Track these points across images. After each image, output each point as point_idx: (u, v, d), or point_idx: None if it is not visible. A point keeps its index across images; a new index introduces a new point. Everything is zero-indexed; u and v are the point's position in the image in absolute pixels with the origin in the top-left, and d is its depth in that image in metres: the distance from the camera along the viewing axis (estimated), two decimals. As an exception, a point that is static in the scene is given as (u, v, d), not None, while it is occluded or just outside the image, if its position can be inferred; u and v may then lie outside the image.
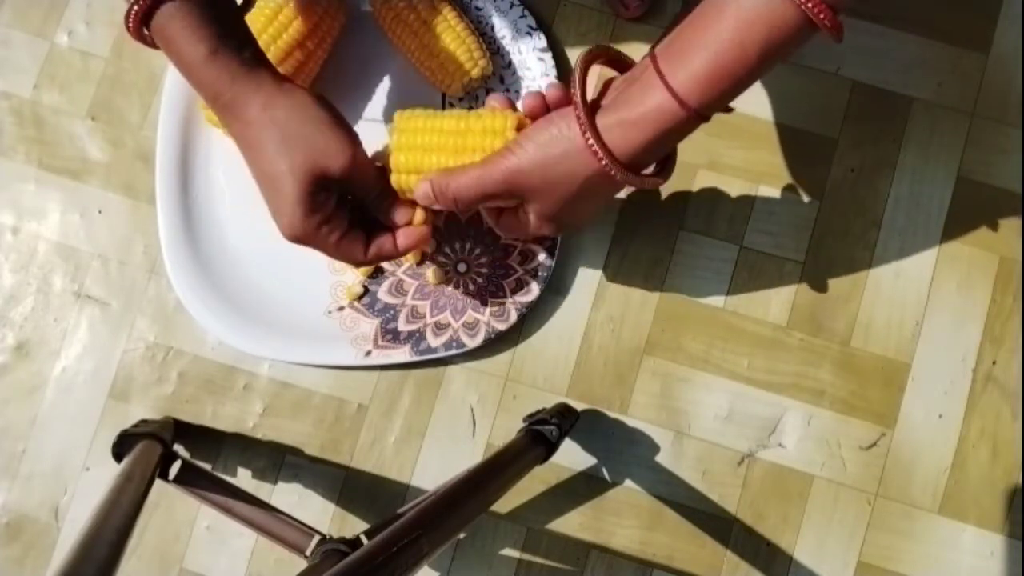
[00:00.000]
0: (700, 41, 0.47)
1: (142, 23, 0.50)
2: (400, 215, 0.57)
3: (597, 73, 0.69)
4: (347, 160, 0.52)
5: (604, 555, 0.69)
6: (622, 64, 0.55)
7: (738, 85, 0.48)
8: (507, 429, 0.70)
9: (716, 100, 0.48)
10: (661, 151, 0.52)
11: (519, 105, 0.55)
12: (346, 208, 0.55)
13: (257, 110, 0.51)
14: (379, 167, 0.56)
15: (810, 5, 0.45)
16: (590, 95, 0.52)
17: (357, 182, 0.54)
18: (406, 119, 0.56)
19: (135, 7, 0.49)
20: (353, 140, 0.53)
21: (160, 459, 0.60)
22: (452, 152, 0.54)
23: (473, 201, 0.53)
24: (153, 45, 0.52)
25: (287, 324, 0.69)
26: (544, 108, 0.54)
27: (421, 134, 0.55)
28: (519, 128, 0.53)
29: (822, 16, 0.45)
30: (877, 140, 0.71)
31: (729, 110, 0.51)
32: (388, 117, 0.70)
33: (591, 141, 0.49)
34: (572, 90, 0.50)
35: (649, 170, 0.54)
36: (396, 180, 0.56)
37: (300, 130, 0.51)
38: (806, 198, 0.71)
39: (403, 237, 0.57)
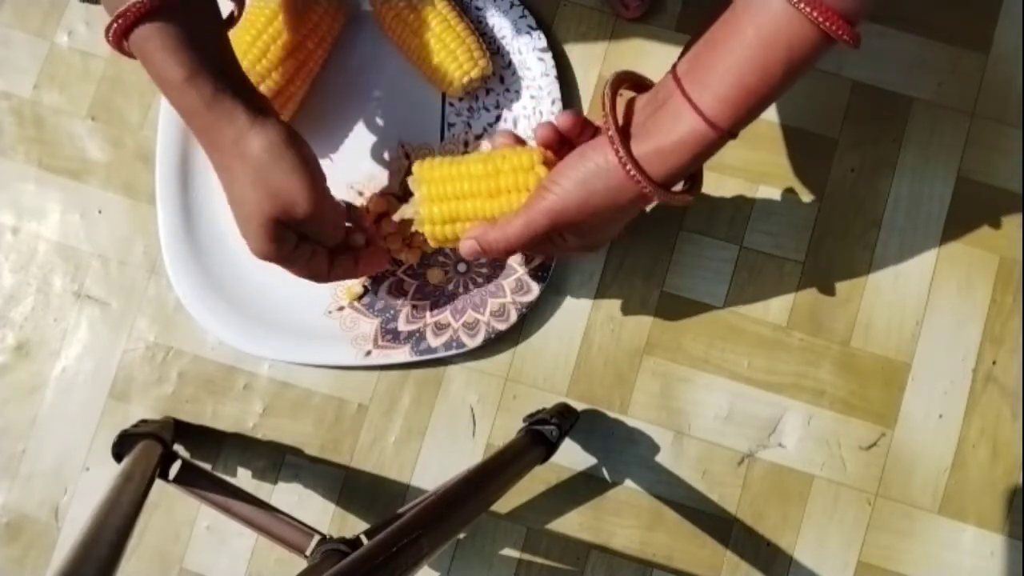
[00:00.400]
0: (722, 63, 0.48)
1: (122, 38, 0.50)
2: (356, 238, 0.61)
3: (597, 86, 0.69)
4: (310, 206, 0.53)
5: (604, 555, 0.69)
6: (643, 85, 0.55)
7: (765, 101, 0.49)
8: (507, 429, 0.70)
9: (745, 118, 0.49)
10: (694, 168, 0.52)
11: (532, 136, 0.56)
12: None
13: (229, 142, 0.52)
14: (344, 212, 0.58)
15: (828, 24, 0.45)
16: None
17: (318, 226, 0.55)
18: (427, 169, 0.57)
19: (115, 24, 0.48)
20: (318, 186, 0.54)
21: (160, 459, 0.60)
22: (487, 196, 0.55)
23: (523, 248, 0.55)
24: (130, 55, 0.52)
25: (287, 324, 0.69)
26: (558, 137, 0.55)
27: (450, 182, 0.56)
28: (546, 162, 0.54)
29: (839, 31, 0.45)
30: (877, 140, 0.71)
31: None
32: (388, 117, 0.70)
33: (633, 172, 0.50)
34: (605, 122, 0.51)
35: (679, 187, 0.55)
36: (431, 232, 0.57)
37: (268, 171, 0.52)
38: (806, 198, 0.71)
39: (364, 263, 0.61)
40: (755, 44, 0.46)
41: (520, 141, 0.58)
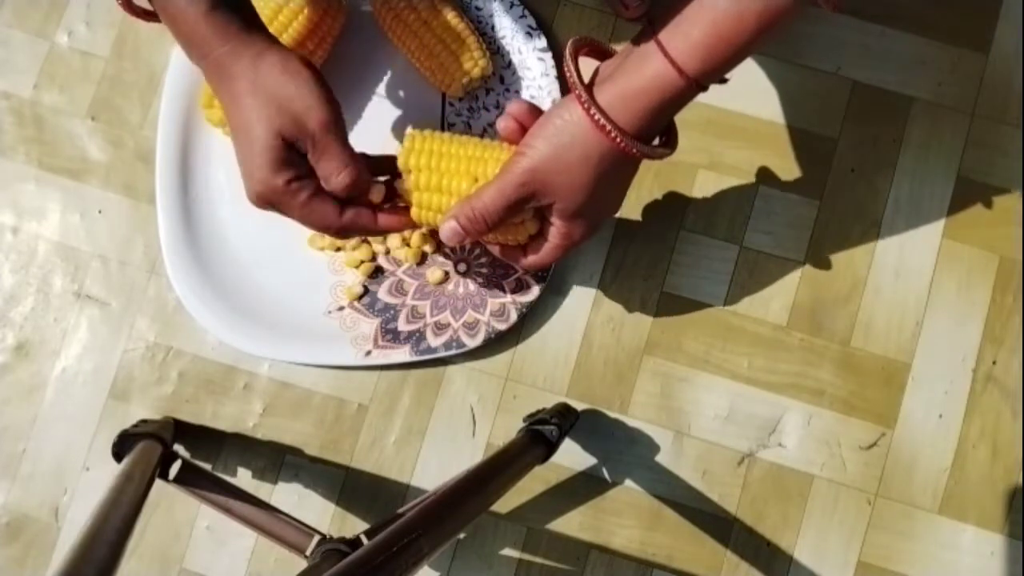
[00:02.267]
0: (697, 10, 0.47)
1: None
2: (375, 190, 0.56)
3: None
4: (324, 117, 0.51)
5: (604, 555, 0.69)
6: (608, 54, 0.55)
7: (736, 54, 0.48)
8: (507, 429, 0.70)
9: (714, 69, 0.48)
10: (663, 120, 0.52)
11: (498, 128, 0.55)
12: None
13: (245, 64, 0.51)
14: (357, 154, 0.54)
15: None
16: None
17: (327, 150, 0.52)
18: (419, 140, 0.56)
19: None
20: (333, 103, 0.52)
21: (160, 459, 0.60)
22: (468, 176, 0.55)
23: (500, 214, 0.53)
24: (139, 14, 0.52)
25: (287, 324, 0.69)
26: (517, 125, 0.55)
27: (434, 156, 0.55)
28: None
29: None
30: (877, 140, 0.71)
31: (724, 81, 0.51)
32: (388, 117, 0.70)
33: (597, 116, 0.49)
34: (567, 73, 0.51)
35: (655, 142, 0.54)
36: (416, 200, 0.56)
37: (283, 84, 0.51)
38: (806, 198, 0.71)
39: (384, 218, 0.56)
40: None
41: (536, 110, 0.56)
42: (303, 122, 0.51)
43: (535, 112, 0.55)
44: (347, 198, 0.54)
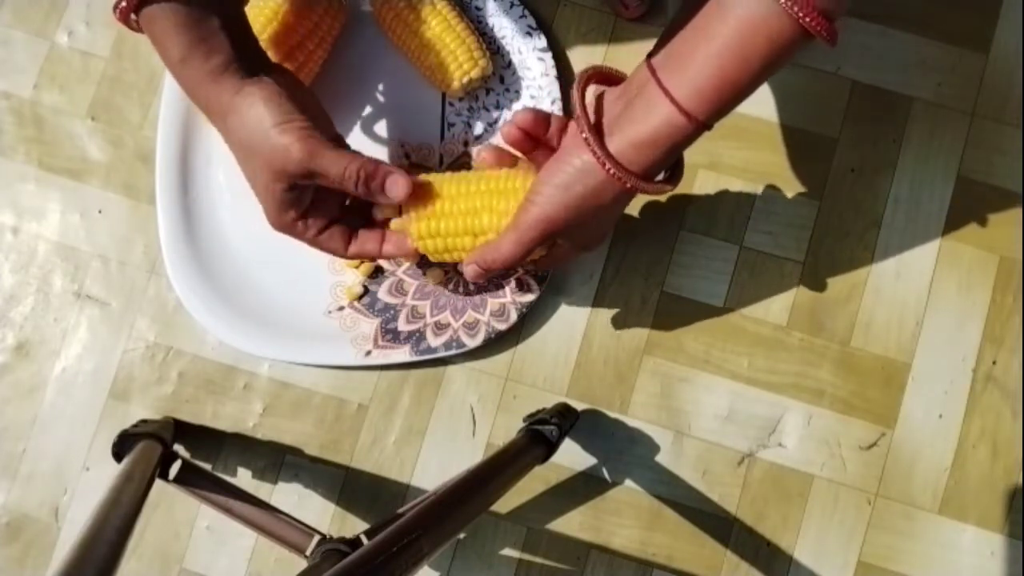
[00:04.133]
0: (701, 54, 0.48)
1: (128, 16, 0.51)
2: (379, 211, 0.58)
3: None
4: (299, 155, 0.52)
5: (604, 555, 0.69)
6: (615, 80, 0.55)
7: (742, 94, 0.49)
8: (507, 429, 0.70)
9: (722, 110, 0.49)
10: (672, 160, 0.53)
11: (499, 136, 0.56)
12: (334, 202, 0.57)
13: (219, 120, 0.53)
14: (347, 154, 0.54)
15: (808, 19, 0.45)
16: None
17: (324, 171, 0.53)
18: (420, 186, 0.57)
19: (121, 5, 0.50)
20: (303, 137, 0.52)
21: (160, 459, 0.60)
22: (465, 214, 0.56)
23: (519, 261, 0.55)
24: (141, 31, 0.52)
25: (287, 324, 0.69)
26: (523, 135, 0.55)
27: (437, 200, 0.57)
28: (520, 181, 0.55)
29: (818, 27, 0.46)
30: (877, 140, 0.71)
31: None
32: (388, 117, 0.70)
33: (612, 170, 0.50)
34: (578, 122, 0.51)
35: (660, 176, 0.55)
36: (423, 247, 0.58)
37: (251, 138, 0.52)
38: (806, 198, 0.71)
39: (389, 245, 0.58)
40: (735, 36, 0.47)
41: (504, 154, 0.57)
42: (284, 167, 0.52)
43: (540, 121, 0.55)
44: (370, 190, 0.55)
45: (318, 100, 0.57)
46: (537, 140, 0.56)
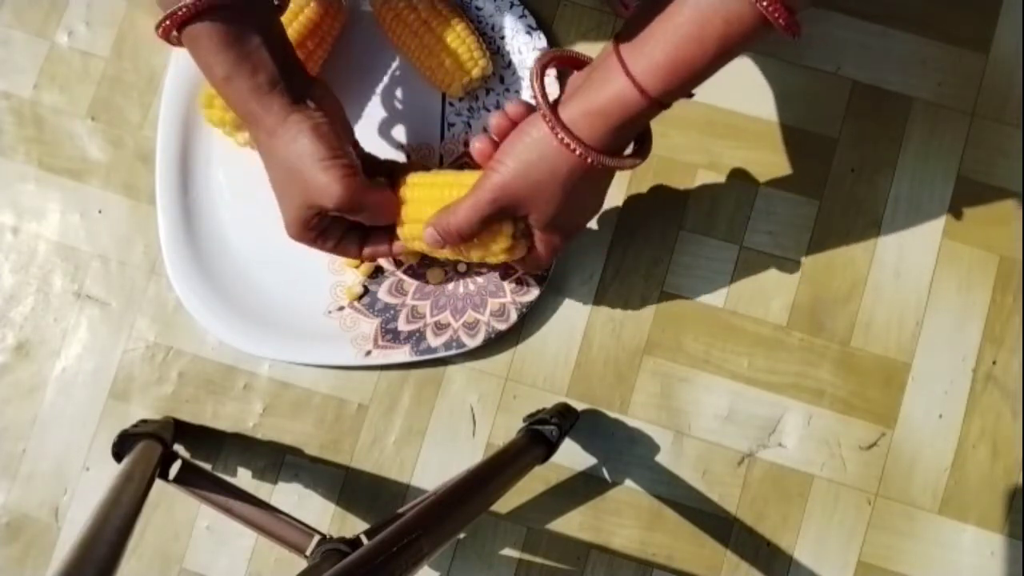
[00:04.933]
0: (660, 32, 0.48)
1: (169, 35, 0.52)
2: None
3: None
4: (339, 200, 0.54)
5: (604, 555, 0.69)
6: (580, 64, 0.56)
7: (697, 76, 0.49)
8: (507, 429, 0.70)
9: (676, 89, 0.50)
10: (630, 135, 0.53)
11: (489, 124, 0.56)
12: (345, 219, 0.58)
13: (264, 136, 0.54)
14: (385, 193, 0.58)
15: (767, 5, 0.46)
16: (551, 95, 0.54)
17: (356, 211, 0.56)
18: (411, 178, 0.60)
19: (163, 24, 0.51)
20: (347, 179, 0.54)
21: (160, 459, 0.60)
22: (438, 203, 0.57)
23: (474, 227, 0.55)
24: (182, 45, 0.54)
25: (287, 324, 0.69)
26: (511, 124, 0.56)
27: (419, 188, 0.59)
28: None
29: (777, 16, 0.46)
30: (877, 140, 0.71)
31: (690, 96, 0.52)
32: (388, 117, 0.70)
33: (561, 135, 0.51)
34: (533, 91, 0.52)
35: (629, 151, 0.56)
36: (399, 232, 0.60)
37: (294, 167, 0.54)
38: (806, 198, 0.71)
39: (399, 244, 0.61)
40: (694, 17, 0.47)
41: (496, 144, 0.57)
42: (320, 203, 0.54)
43: (531, 113, 0.56)
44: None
45: (343, 108, 0.59)
46: None
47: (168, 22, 0.50)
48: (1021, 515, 0.68)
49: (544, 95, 0.52)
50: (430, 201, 0.58)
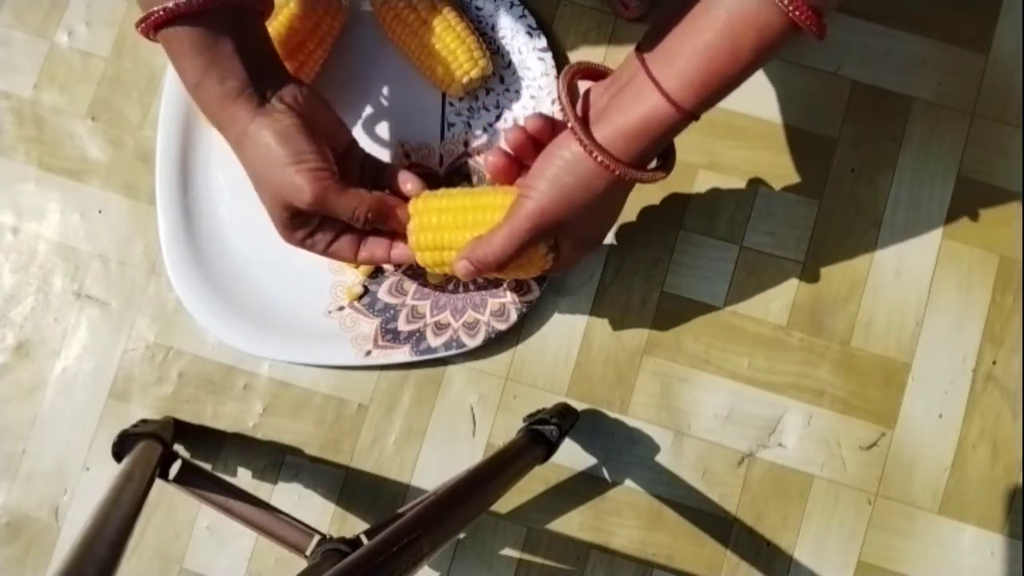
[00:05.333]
0: (691, 46, 0.48)
1: (149, 33, 0.52)
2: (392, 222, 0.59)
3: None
4: (310, 198, 0.53)
5: (604, 555, 0.69)
6: (600, 75, 0.56)
7: (730, 85, 0.49)
8: (507, 429, 0.70)
9: (709, 101, 0.50)
10: (660, 149, 0.53)
11: (503, 141, 0.56)
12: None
13: (234, 143, 0.54)
14: (355, 195, 0.56)
15: (797, 13, 0.46)
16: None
17: (332, 212, 0.55)
18: (421, 201, 0.58)
19: (142, 25, 0.51)
20: (314, 179, 0.53)
21: (160, 459, 0.60)
22: (471, 227, 0.56)
23: (512, 258, 0.54)
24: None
25: (287, 324, 0.69)
26: (529, 139, 0.56)
27: (437, 213, 0.57)
28: None
29: (807, 20, 0.46)
30: (877, 140, 0.71)
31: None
32: (388, 117, 0.70)
33: (600, 158, 0.50)
34: (564, 114, 0.52)
35: (652, 164, 0.55)
36: (421, 259, 0.59)
37: (262, 170, 0.54)
38: (806, 198, 0.71)
39: (398, 251, 0.60)
40: (726, 28, 0.47)
41: (511, 159, 0.58)
42: (292, 203, 0.54)
43: (550, 127, 0.56)
44: (378, 224, 0.57)
45: (331, 109, 0.58)
46: (541, 147, 0.56)
47: (144, 24, 0.50)
48: (1021, 515, 0.68)
49: (575, 114, 0.51)
50: (449, 227, 0.57)
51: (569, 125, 0.51)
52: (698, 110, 0.50)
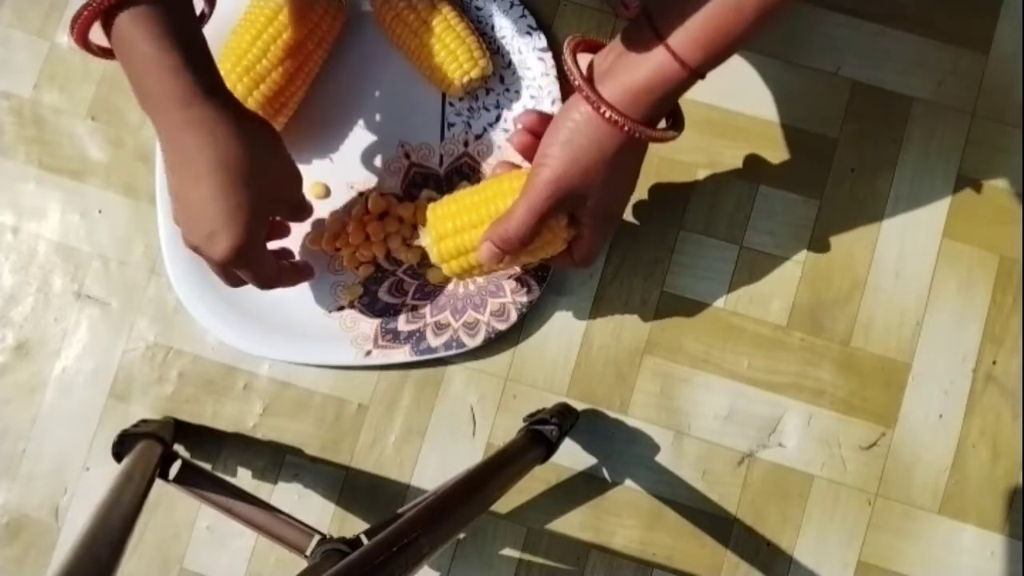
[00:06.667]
0: (697, 3, 0.48)
1: (88, 29, 0.51)
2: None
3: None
4: (226, 248, 0.53)
5: (604, 555, 0.69)
6: (601, 48, 0.56)
7: (736, 44, 0.49)
8: (507, 429, 0.70)
9: (715, 59, 0.49)
10: (667, 108, 0.53)
11: (508, 147, 0.56)
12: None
13: (174, 149, 0.54)
14: (272, 264, 0.59)
15: None
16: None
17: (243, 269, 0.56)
18: (432, 210, 0.58)
19: (79, 19, 0.49)
20: (236, 228, 0.53)
21: (160, 459, 0.60)
22: (489, 221, 0.56)
23: (534, 231, 0.54)
24: (95, 52, 0.53)
25: (287, 324, 0.69)
26: (534, 140, 0.55)
27: (451, 218, 0.57)
28: None
29: None
30: (877, 140, 0.71)
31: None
32: (388, 117, 0.70)
33: (607, 113, 0.50)
34: (569, 73, 0.52)
35: (662, 125, 0.55)
36: (448, 270, 0.58)
37: (199, 195, 0.54)
38: (806, 198, 0.71)
39: (287, 276, 0.62)
40: None
41: (546, 117, 0.57)
42: (211, 246, 0.54)
43: (545, 119, 0.55)
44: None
45: (277, 139, 0.57)
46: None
47: (87, 13, 0.48)
48: (1021, 515, 0.68)
49: (581, 74, 0.51)
50: (467, 228, 0.56)
51: (575, 84, 0.51)
52: (704, 68, 0.50)
